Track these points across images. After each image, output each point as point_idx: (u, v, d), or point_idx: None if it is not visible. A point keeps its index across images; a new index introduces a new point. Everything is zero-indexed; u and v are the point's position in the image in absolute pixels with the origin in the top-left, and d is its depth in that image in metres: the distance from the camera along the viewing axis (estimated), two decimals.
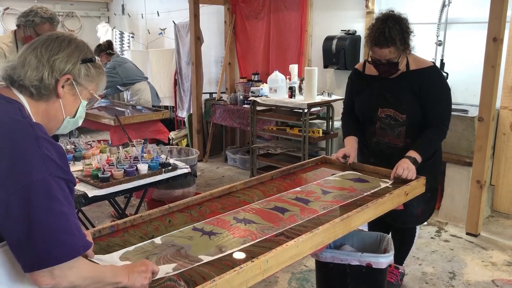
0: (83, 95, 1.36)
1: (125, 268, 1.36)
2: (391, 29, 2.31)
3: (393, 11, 2.43)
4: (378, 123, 2.60)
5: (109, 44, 5.16)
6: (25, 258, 1.11)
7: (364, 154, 2.73)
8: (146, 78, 5.24)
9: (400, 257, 2.82)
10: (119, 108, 4.85)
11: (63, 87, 1.30)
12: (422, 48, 4.30)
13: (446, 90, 2.54)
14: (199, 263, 1.57)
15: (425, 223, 3.89)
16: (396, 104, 2.51)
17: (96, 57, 1.39)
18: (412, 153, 2.44)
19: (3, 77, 1.30)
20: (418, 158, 2.43)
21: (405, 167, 2.38)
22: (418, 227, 2.85)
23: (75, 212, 1.21)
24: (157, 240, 1.77)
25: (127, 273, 1.33)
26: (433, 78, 2.49)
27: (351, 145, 2.68)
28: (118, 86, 5.05)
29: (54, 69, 1.27)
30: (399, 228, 2.76)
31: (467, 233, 3.72)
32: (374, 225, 2.72)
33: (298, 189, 2.37)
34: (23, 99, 1.26)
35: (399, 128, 2.55)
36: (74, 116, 1.37)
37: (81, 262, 1.19)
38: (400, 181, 2.40)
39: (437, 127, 2.51)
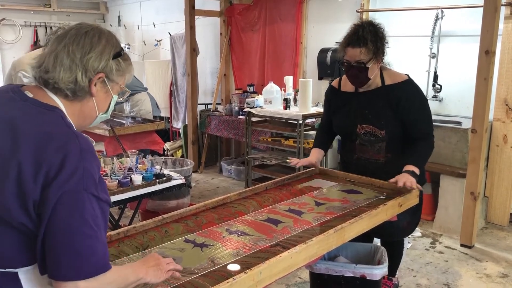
0: (114, 90, 1.35)
1: (142, 263, 1.36)
2: (365, 29, 2.37)
3: (370, 21, 2.50)
4: (357, 140, 2.60)
5: None
6: (40, 263, 1.14)
7: (346, 171, 2.73)
8: (146, 89, 5.23)
9: (391, 269, 2.80)
10: (118, 120, 4.82)
11: (95, 85, 1.28)
12: (416, 60, 4.39)
13: (424, 101, 2.55)
14: (196, 275, 1.56)
15: (420, 234, 3.91)
16: (374, 120, 2.51)
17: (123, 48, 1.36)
18: (409, 167, 2.41)
19: (35, 78, 1.27)
20: (416, 170, 2.41)
21: (406, 178, 2.35)
22: (406, 238, 2.85)
23: (99, 234, 1.16)
24: (148, 251, 1.76)
25: (145, 268, 1.33)
26: (409, 91, 2.49)
27: (315, 156, 2.72)
28: None
29: (87, 69, 1.25)
30: (387, 241, 2.76)
31: (462, 245, 3.72)
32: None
33: (291, 200, 2.37)
34: (58, 102, 1.25)
35: (379, 144, 2.54)
36: (106, 111, 1.38)
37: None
38: (394, 192, 2.40)
39: (424, 139, 2.51)
